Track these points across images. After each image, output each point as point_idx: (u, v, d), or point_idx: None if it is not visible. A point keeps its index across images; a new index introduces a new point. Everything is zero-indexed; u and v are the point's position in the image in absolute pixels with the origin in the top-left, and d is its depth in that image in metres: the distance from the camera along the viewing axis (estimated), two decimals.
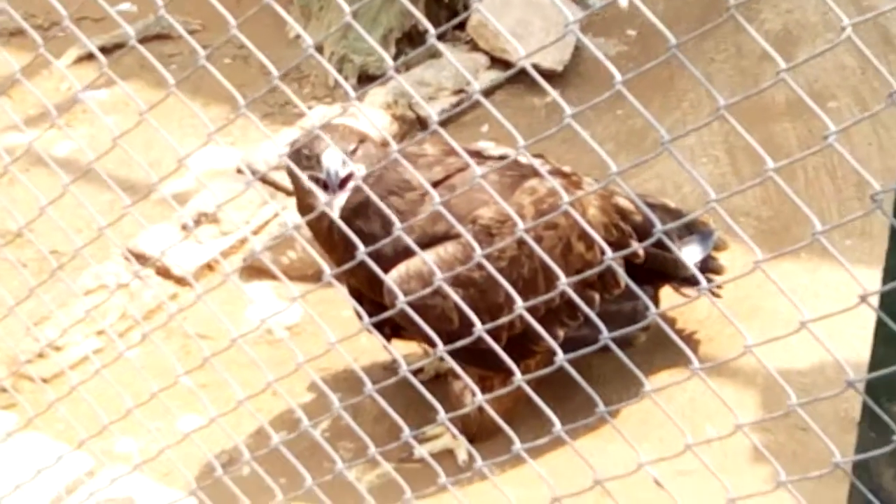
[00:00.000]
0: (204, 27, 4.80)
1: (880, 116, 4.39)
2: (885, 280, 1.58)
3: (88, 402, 2.88)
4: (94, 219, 3.72)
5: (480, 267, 2.94)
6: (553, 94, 1.78)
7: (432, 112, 1.88)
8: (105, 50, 4.60)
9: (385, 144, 3.77)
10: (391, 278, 2.90)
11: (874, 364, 1.62)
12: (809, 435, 3.26)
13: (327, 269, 2.11)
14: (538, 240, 3.06)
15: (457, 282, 2.94)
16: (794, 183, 4.09)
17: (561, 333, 3.18)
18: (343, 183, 2.88)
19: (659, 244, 3.16)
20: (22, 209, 3.54)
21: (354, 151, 2.91)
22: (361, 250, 2.12)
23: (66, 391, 2.84)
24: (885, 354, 1.60)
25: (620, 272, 2.11)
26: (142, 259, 3.67)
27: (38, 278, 3.30)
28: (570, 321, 3.19)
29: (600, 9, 4.77)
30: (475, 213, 3.02)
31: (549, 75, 4.51)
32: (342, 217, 2.77)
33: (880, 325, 1.61)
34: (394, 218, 2.22)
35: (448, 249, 2.96)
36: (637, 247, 3.21)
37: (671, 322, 3.61)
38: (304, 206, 3.02)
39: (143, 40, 4.64)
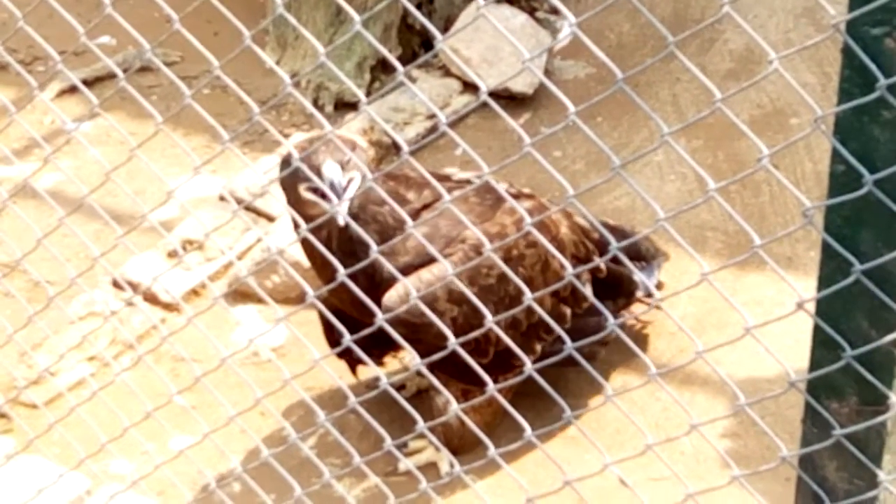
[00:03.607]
0: (183, 59, 4.90)
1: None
2: (820, 288, 1.71)
3: (83, 426, 2.98)
4: (81, 248, 3.84)
5: (472, 283, 3.10)
6: (513, 123, 1.89)
7: (403, 143, 1.99)
8: (86, 83, 4.70)
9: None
10: (391, 298, 3.01)
11: (813, 365, 1.74)
12: (779, 439, 3.38)
13: (310, 291, 2.22)
14: (521, 258, 3.21)
15: (451, 299, 3.08)
16: (759, 197, 4.21)
17: (539, 348, 3.31)
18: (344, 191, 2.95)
19: (615, 260, 3.34)
20: (10, 240, 3.64)
21: (349, 160, 2.97)
22: (341, 272, 2.22)
23: (61, 415, 2.94)
24: (822, 356, 1.72)
25: (586, 290, 2.22)
26: (130, 286, 3.77)
27: (28, 307, 3.40)
28: (547, 336, 3.32)
29: (565, 38, 4.90)
30: (464, 233, 3.15)
31: (521, 98, 4.65)
32: (339, 228, 2.88)
33: (817, 329, 1.74)
34: (372, 244, 2.31)
35: (441, 268, 3.08)
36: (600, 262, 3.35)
37: (645, 335, 3.73)
38: (304, 220, 2.98)
39: (123, 72, 4.72)
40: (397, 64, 2.00)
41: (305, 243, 3.02)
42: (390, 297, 3.01)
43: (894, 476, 1.74)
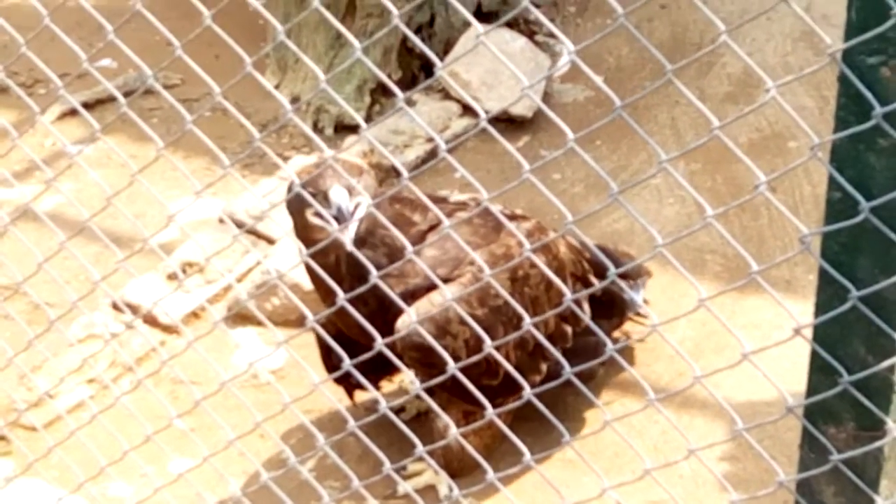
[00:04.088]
0: (184, 81, 4.92)
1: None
2: (817, 314, 1.72)
3: (82, 449, 2.97)
4: (81, 270, 3.84)
5: (482, 305, 3.11)
6: (513, 150, 1.90)
7: (403, 168, 2.01)
8: (87, 105, 4.72)
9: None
10: (404, 322, 3.01)
11: (810, 390, 1.75)
12: (777, 462, 3.38)
13: (309, 314, 2.23)
14: (526, 277, 3.23)
15: (463, 321, 3.10)
16: (758, 220, 4.22)
17: (545, 367, 3.33)
18: (351, 216, 2.97)
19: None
20: (11, 263, 3.65)
21: (356, 185, 2.98)
22: (341, 297, 2.22)
23: (60, 438, 2.94)
24: (820, 381, 1.73)
25: (584, 309, 2.22)
26: (129, 309, 3.78)
27: (29, 330, 3.41)
28: (552, 354, 3.35)
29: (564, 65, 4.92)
30: (471, 255, 3.16)
31: (521, 121, 4.67)
32: (348, 252, 2.88)
33: (815, 354, 1.75)
34: (372, 269, 2.32)
35: (452, 290, 3.08)
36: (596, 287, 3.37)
37: (644, 358, 3.74)
38: (311, 244, 2.98)
39: (124, 95, 4.74)
40: (397, 90, 2.01)
41: (310, 268, 3.02)
42: (403, 321, 3.01)
43: (891, 501, 1.75)
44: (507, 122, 4.60)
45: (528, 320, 2.04)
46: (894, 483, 1.77)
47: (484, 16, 4.89)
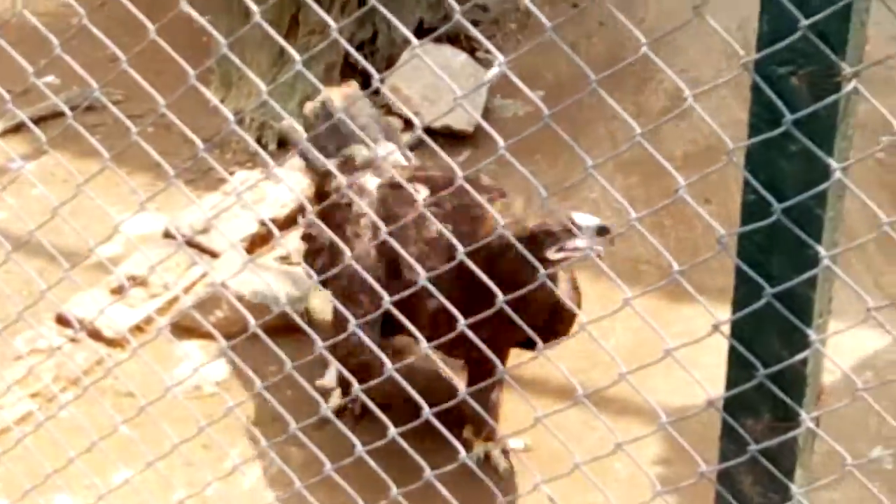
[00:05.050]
0: (126, 97, 4.95)
1: None
2: (734, 311, 1.81)
3: (27, 461, 3.00)
4: (24, 286, 3.86)
5: None
6: (448, 159, 1.97)
7: (334, 170, 2.07)
8: (31, 122, 4.74)
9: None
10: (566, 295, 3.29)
11: (729, 384, 1.84)
12: (709, 463, 3.47)
13: (252, 320, 2.28)
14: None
15: None
16: (693, 232, 4.33)
17: None
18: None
19: None
20: None
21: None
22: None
23: (6, 448, 2.96)
24: (738, 375, 1.82)
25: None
26: (73, 323, 3.80)
27: None
28: None
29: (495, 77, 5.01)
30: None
31: (462, 136, 4.75)
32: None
33: (732, 350, 1.83)
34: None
35: None
36: None
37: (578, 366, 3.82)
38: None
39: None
40: (336, 103, 2.07)
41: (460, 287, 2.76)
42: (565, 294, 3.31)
43: (806, 489, 1.83)
44: (450, 137, 4.68)
45: None
46: (809, 472, 1.86)
47: (425, 32, 4.97)
